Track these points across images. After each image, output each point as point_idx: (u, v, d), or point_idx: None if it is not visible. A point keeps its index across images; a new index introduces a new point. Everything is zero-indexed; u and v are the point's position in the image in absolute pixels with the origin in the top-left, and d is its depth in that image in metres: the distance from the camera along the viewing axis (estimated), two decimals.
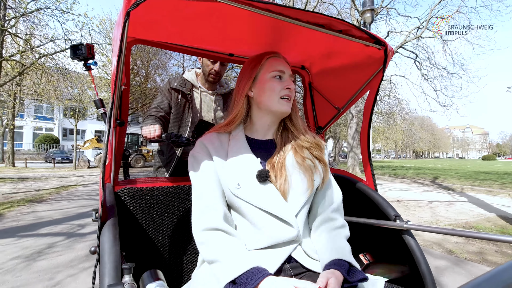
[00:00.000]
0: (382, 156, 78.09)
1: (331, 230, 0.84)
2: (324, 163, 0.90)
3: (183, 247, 1.11)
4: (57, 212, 4.55)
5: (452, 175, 13.71)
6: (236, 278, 0.65)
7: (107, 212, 0.81)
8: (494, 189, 8.32)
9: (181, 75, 1.82)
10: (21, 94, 13.08)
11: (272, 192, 0.81)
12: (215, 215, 0.78)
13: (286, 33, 1.04)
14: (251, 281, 0.64)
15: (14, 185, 8.00)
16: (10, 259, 2.48)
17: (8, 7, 9.39)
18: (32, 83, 11.60)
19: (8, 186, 7.65)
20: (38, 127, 27.93)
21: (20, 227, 3.57)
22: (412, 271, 0.96)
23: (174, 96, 1.73)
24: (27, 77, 10.94)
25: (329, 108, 1.46)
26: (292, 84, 0.92)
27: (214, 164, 0.85)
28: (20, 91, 12.90)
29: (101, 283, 0.62)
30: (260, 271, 0.66)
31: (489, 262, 2.75)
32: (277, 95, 0.89)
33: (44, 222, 3.86)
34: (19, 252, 2.65)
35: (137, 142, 18.36)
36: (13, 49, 9.81)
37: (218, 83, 1.89)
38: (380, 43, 1.03)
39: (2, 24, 8.90)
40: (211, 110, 1.81)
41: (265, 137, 0.95)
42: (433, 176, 13.29)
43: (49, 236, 3.24)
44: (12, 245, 2.87)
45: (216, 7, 0.84)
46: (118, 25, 0.83)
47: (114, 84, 0.79)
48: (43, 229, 3.49)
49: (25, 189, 7.21)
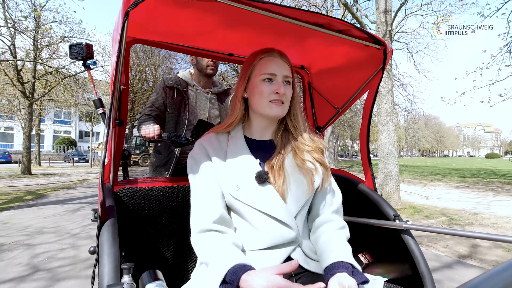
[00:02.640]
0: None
1: (331, 231, 0.84)
2: (325, 166, 0.89)
3: (182, 247, 1.11)
4: (82, 193, 7.28)
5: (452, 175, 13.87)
6: (224, 277, 0.64)
7: (106, 212, 0.80)
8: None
9: (176, 74, 1.83)
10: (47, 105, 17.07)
11: (271, 193, 0.80)
12: (208, 216, 0.77)
13: (285, 33, 1.04)
14: (236, 277, 0.63)
15: (46, 179, 10.81)
16: (62, 212, 4.95)
17: (40, 37, 11.74)
18: (55, 95, 14.58)
19: (42, 180, 10.43)
20: (57, 130, 32.33)
21: (61, 200, 6.16)
22: (411, 271, 0.96)
23: (169, 95, 1.73)
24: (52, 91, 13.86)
25: (329, 108, 1.46)
26: (281, 87, 0.86)
27: (213, 166, 0.84)
28: (47, 103, 16.67)
29: (100, 283, 0.62)
30: (243, 267, 0.65)
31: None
32: (266, 99, 0.86)
33: (74, 198, 6.53)
34: (65, 210, 5.13)
35: (145, 144, 19.82)
36: (42, 71, 12.77)
37: (212, 83, 1.89)
38: (380, 43, 1.03)
39: (35, 56, 11.52)
40: (206, 109, 1.81)
41: (263, 138, 0.94)
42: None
43: (79, 203, 5.79)
44: (60, 207, 5.35)
45: (216, 7, 0.84)
46: (117, 25, 0.83)
47: (113, 84, 0.78)
48: (75, 201, 6.13)
49: (55, 181, 9.91)
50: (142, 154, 19.82)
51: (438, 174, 14.72)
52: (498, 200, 6.76)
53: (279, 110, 0.87)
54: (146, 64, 17.43)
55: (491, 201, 6.55)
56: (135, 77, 17.93)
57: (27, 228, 3.72)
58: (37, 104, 14.64)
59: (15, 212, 4.77)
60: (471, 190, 8.62)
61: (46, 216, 4.47)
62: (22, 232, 3.55)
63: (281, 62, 0.89)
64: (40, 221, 4.16)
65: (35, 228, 3.73)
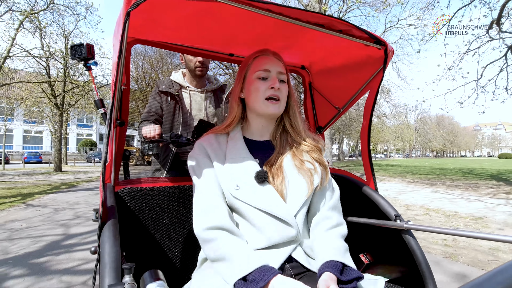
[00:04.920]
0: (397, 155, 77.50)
1: (326, 229, 0.84)
2: (324, 166, 0.90)
3: (183, 247, 1.11)
4: None
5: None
6: (247, 275, 0.65)
7: (108, 212, 0.81)
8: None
9: (169, 78, 1.82)
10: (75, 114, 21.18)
11: (271, 192, 0.81)
12: (220, 213, 0.77)
13: (286, 33, 1.04)
14: (263, 277, 0.64)
15: (74, 175, 13.76)
16: (88, 194, 7.27)
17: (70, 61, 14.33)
18: (80, 103, 17.15)
19: (71, 175, 13.38)
20: (80, 133, 36.01)
21: (87, 188, 8.49)
22: (413, 271, 0.96)
23: (164, 99, 1.73)
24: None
25: (329, 108, 1.46)
26: (276, 82, 0.87)
27: (213, 165, 0.85)
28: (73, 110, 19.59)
29: (101, 283, 0.62)
30: (271, 269, 0.67)
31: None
32: (261, 96, 0.87)
33: (96, 187, 8.72)
34: (90, 193, 7.44)
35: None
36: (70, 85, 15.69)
37: (207, 80, 1.87)
38: (380, 42, 1.02)
39: (66, 73, 14.54)
40: (202, 108, 1.80)
41: (262, 138, 0.94)
42: None
43: None
44: (87, 192, 7.67)
45: (216, 7, 0.84)
46: (118, 25, 0.83)
47: (114, 84, 0.79)
48: (96, 189, 8.28)
49: (81, 177, 12.58)
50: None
51: (409, 172, 15.56)
52: (424, 191, 8.03)
53: (275, 108, 0.88)
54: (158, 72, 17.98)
55: (416, 192, 7.80)
56: (148, 85, 18.45)
57: (68, 202, 6.01)
58: (66, 112, 17.44)
59: (57, 194, 7.14)
60: (415, 184, 9.86)
61: (78, 196, 6.84)
62: (65, 203, 5.78)
63: (275, 60, 0.90)
64: (75, 198, 6.54)
65: (73, 202, 6.00)
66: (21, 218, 4.43)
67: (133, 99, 16.95)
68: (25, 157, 24.12)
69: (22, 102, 15.11)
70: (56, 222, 4.15)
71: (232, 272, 0.67)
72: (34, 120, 20.59)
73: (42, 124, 23.96)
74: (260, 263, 0.68)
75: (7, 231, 3.65)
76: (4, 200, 6.10)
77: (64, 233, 3.58)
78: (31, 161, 24.45)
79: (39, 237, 3.38)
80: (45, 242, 3.19)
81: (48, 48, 13.10)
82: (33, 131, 29.55)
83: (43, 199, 6.29)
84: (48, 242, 3.21)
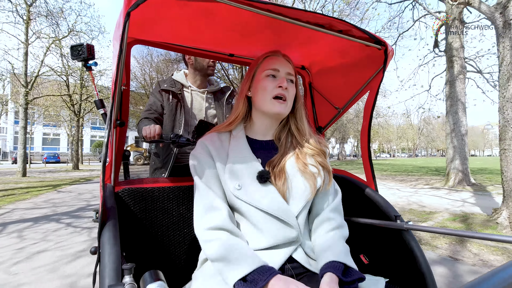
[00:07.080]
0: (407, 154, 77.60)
1: (328, 231, 0.84)
2: (327, 170, 0.89)
3: (183, 248, 1.11)
4: None
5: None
6: (247, 275, 0.65)
7: (108, 213, 0.81)
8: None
9: (170, 77, 1.81)
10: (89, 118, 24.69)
11: (272, 193, 0.80)
12: (221, 214, 0.77)
13: (286, 33, 1.04)
14: (263, 277, 0.64)
15: (89, 172, 16.68)
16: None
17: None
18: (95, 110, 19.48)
19: (87, 173, 16.16)
20: (93, 135, 38.94)
21: None
22: (413, 272, 0.96)
23: (165, 98, 1.72)
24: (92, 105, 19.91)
25: (330, 108, 1.46)
26: (284, 82, 0.87)
27: (215, 165, 0.85)
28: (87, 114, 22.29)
29: (101, 284, 0.62)
30: (271, 269, 0.67)
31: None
32: (269, 95, 0.87)
33: None
34: None
35: None
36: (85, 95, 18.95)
37: (208, 81, 1.88)
38: (380, 43, 1.02)
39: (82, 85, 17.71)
40: (202, 109, 1.81)
41: (265, 138, 0.94)
42: None
43: None
44: None
45: (216, 7, 0.84)
46: (118, 25, 0.83)
47: (114, 84, 0.79)
48: None
49: (96, 174, 14.91)
50: None
51: (390, 170, 17.09)
52: (389, 185, 9.37)
53: (281, 107, 0.88)
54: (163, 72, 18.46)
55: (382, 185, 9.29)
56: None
57: (87, 189, 8.38)
58: (82, 118, 20.26)
59: (78, 185, 9.44)
60: (384, 180, 11.26)
61: (94, 186, 9.01)
62: (85, 190, 8.18)
63: (284, 61, 0.91)
64: (92, 187, 8.92)
65: (91, 189, 8.31)
66: (57, 198, 6.77)
67: (141, 104, 17.44)
68: (45, 157, 27.51)
69: (46, 110, 19.04)
70: (80, 199, 6.61)
71: (232, 273, 0.67)
72: (54, 124, 24.64)
73: (60, 128, 27.87)
74: (259, 263, 0.68)
75: (51, 204, 6.01)
76: (40, 189, 8.48)
77: (87, 204, 5.95)
78: (51, 161, 28.05)
79: (71, 205, 5.76)
80: (76, 207, 5.59)
81: (68, 66, 16.18)
82: (52, 133, 34.50)
83: (68, 188, 8.84)
84: (77, 207, 5.59)
